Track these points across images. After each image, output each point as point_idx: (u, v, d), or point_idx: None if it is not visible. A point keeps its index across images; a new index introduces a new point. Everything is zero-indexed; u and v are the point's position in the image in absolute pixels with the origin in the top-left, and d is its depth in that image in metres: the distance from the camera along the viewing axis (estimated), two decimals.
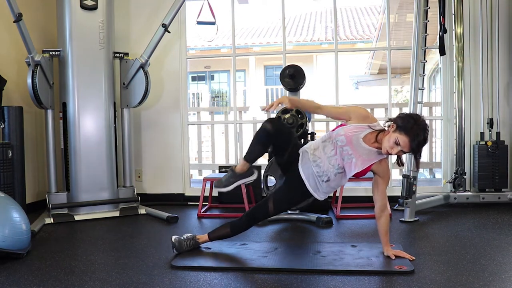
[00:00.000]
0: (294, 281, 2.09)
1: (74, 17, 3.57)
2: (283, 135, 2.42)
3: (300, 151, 2.46)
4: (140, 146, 4.38)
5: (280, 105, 2.39)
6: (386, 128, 2.33)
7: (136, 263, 2.40)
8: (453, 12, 3.87)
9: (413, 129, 2.20)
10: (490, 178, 3.73)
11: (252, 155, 2.40)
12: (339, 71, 4.25)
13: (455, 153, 3.92)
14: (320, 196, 2.43)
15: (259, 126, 2.41)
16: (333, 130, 2.42)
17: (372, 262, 2.31)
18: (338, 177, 2.38)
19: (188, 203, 4.26)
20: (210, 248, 2.58)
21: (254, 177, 2.47)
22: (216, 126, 6.60)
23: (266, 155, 3.43)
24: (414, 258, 2.33)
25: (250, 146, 2.42)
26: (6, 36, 3.73)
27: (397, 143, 2.22)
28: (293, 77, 3.48)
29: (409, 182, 3.35)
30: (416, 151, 2.27)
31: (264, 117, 6.06)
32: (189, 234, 2.58)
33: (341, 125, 2.42)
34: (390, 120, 2.31)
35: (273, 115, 3.51)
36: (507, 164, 3.76)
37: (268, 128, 2.33)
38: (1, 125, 3.52)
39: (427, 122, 2.29)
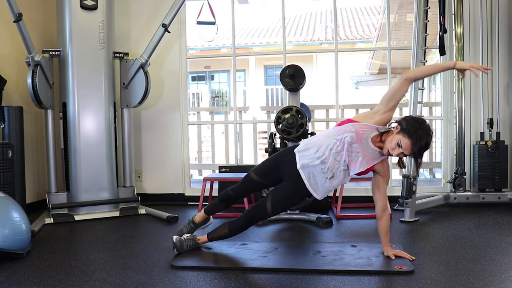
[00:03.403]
0: (294, 281, 2.09)
1: (74, 17, 3.57)
2: (249, 191, 2.74)
3: (296, 151, 2.44)
4: (140, 146, 4.38)
5: None
6: (391, 129, 2.31)
7: (136, 263, 2.40)
8: (453, 12, 3.87)
9: (417, 132, 2.19)
10: (490, 178, 3.73)
11: (212, 210, 2.72)
12: (339, 71, 4.24)
13: (455, 153, 3.92)
14: (319, 195, 2.42)
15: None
16: (338, 125, 2.39)
17: (372, 262, 2.31)
18: (342, 174, 2.35)
19: (188, 203, 4.26)
20: (210, 248, 2.59)
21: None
22: (216, 126, 6.61)
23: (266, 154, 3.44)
24: (414, 258, 2.33)
25: (212, 203, 2.72)
26: (6, 36, 3.73)
27: (399, 145, 2.21)
28: (293, 77, 3.48)
29: (409, 182, 3.35)
30: (417, 155, 2.25)
31: (264, 117, 6.06)
32: (188, 235, 2.58)
33: (348, 120, 2.38)
34: (396, 121, 2.30)
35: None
36: (507, 164, 3.76)
37: (229, 192, 2.61)
38: (1, 125, 3.52)
39: (428, 123, 2.28)
